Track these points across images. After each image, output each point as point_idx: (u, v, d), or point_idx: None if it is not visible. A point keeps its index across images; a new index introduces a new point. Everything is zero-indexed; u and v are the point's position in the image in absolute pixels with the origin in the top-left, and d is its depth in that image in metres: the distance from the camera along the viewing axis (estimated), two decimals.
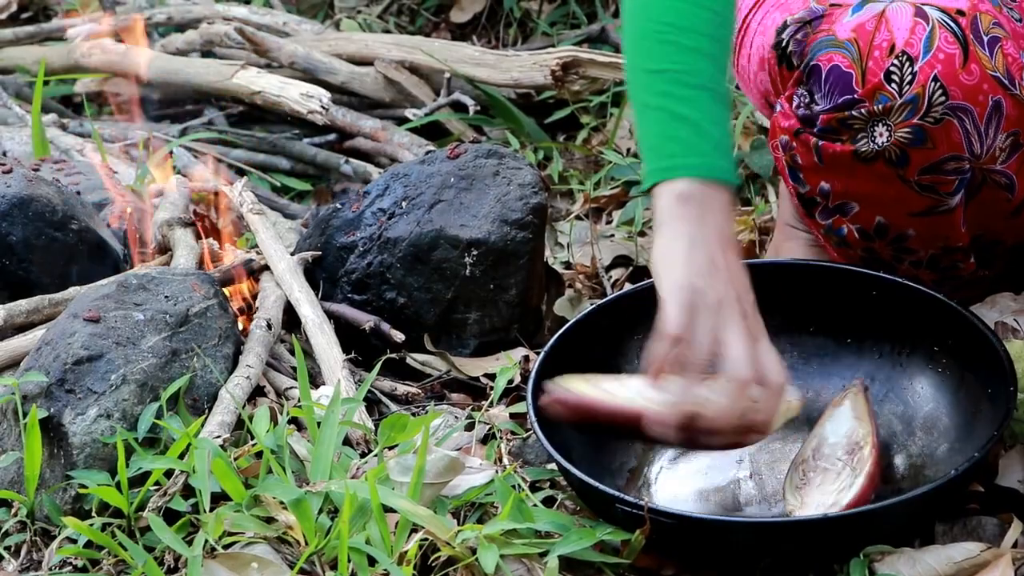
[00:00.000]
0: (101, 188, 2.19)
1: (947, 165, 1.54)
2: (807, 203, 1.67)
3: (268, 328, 1.85)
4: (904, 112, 1.51)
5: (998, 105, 1.52)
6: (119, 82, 2.81)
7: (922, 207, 1.59)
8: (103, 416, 1.62)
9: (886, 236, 1.64)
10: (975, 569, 1.41)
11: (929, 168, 1.54)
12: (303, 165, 2.67)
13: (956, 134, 1.52)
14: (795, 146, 1.60)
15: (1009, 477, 1.52)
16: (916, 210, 1.59)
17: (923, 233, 1.63)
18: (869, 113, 1.52)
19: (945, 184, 1.56)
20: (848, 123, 1.54)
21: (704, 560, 1.46)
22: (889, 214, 1.61)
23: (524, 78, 2.60)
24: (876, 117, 1.52)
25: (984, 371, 1.53)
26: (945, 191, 1.57)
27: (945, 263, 1.68)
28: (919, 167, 1.54)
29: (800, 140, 1.59)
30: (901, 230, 1.63)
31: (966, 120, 1.52)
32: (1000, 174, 1.59)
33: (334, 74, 2.76)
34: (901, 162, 1.54)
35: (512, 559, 1.43)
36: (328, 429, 1.58)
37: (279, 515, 1.51)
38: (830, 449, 1.53)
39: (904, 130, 1.52)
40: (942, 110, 1.50)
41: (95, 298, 1.74)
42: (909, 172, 1.55)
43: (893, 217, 1.62)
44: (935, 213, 1.60)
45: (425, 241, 1.93)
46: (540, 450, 1.62)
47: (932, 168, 1.55)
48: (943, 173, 1.55)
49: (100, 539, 1.51)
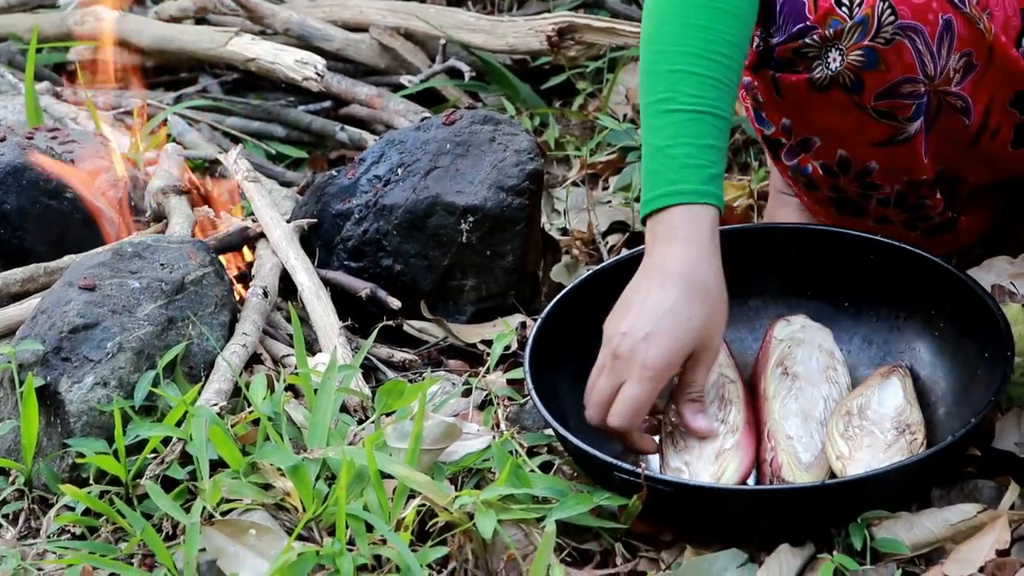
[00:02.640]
0: (96, 156, 2.18)
1: (902, 88, 1.54)
2: (772, 145, 1.68)
3: (264, 296, 1.85)
4: (855, 34, 1.51)
5: (949, 24, 1.52)
6: (113, 50, 2.79)
7: (882, 136, 1.59)
8: (100, 384, 1.62)
9: (849, 170, 1.64)
10: (972, 531, 1.41)
11: (884, 92, 1.55)
12: (298, 132, 2.65)
13: (908, 55, 1.52)
14: (756, 85, 1.62)
15: (1006, 440, 1.52)
16: (876, 139, 1.59)
17: (886, 165, 1.63)
18: (822, 39, 1.52)
19: (902, 108, 1.56)
20: (803, 52, 1.54)
21: (702, 526, 1.47)
22: (850, 146, 1.61)
23: (520, 44, 2.58)
24: (829, 42, 1.52)
25: (981, 335, 1.53)
26: (903, 116, 1.57)
27: (912, 200, 1.68)
28: (874, 91, 1.54)
29: (760, 76, 1.60)
30: (864, 163, 1.63)
31: (917, 40, 1.52)
32: (956, 96, 1.59)
33: (329, 41, 2.74)
34: (856, 87, 1.54)
35: (509, 524, 1.43)
36: (325, 396, 1.58)
37: (276, 482, 1.51)
38: (876, 415, 1.52)
39: (856, 53, 1.52)
40: (892, 30, 1.50)
41: (90, 266, 1.74)
42: (865, 98, 1.55)
43: (854, 149, 1.62)
44: (895, 142, 1.60)
45: (421, 208, 1.93)
46: (537, 416, 1.63)
47: (887, 92, 1.55)
48: (899, 97, 1.55)
49: (98, 507, 1.51)
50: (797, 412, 1.53)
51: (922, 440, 1.48)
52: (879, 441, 1.49)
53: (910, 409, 1.53)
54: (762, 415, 1.54)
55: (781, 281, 1.72)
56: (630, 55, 2.59)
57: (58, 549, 1.51)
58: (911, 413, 1.52)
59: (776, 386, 1.56)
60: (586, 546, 1.48)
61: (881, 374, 1.58)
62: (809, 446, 1.50)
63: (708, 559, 1.41)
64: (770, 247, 1.72)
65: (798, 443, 1.50)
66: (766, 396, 1.55)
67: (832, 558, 1.39)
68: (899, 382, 1.56)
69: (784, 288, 1.71)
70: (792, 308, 1.69)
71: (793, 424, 1.52)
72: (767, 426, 1.52)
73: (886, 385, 1.56)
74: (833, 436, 1.49)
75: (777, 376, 1.57)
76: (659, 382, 1.46)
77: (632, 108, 2.55)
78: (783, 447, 1.49)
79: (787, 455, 1.49)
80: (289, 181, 2.42)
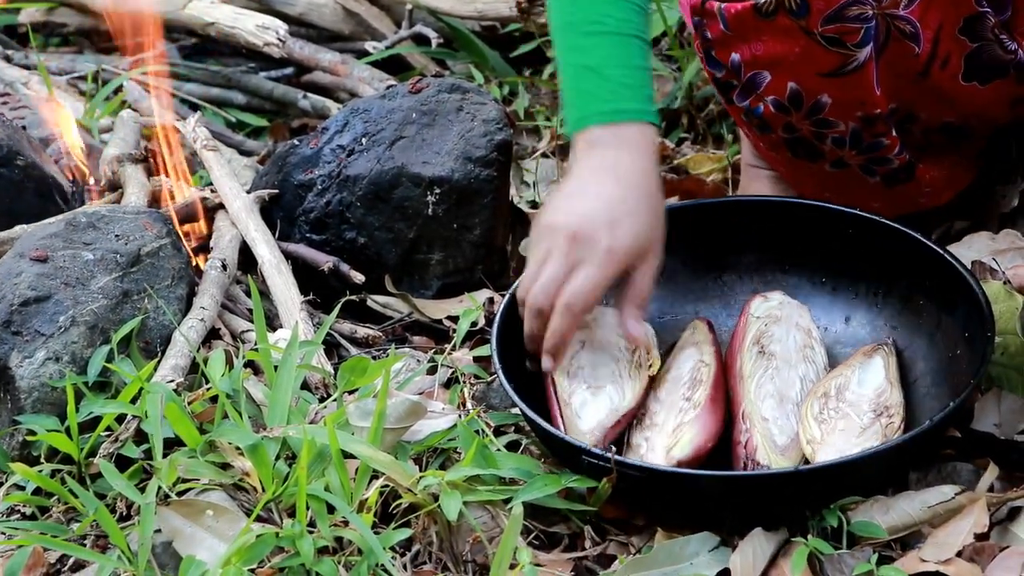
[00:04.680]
0: (48, 123, 2.14)
1: (849, 11, 1.54)
2: (724, 88, 1.69)
3: (223, 269, 1.82)
4: None
5: None
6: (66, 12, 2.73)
7: (831, 65, 1.59)
8: (51, 359, 1.59)
9: (801, 106, 1.64)
10: (950, 514, 1.40)
11: (832, 16, 1.54)
12: (259, 100, 2.62)
13: None
14: (705, 22, 1.63)
15: (985, 421, 1.50)
16: (826, 69, 1.59)
17: (838, 98, 1.62)
18: None
19: (850, 34, 1.56)
20: None
21: (672, 510, 1.44)
22: (800, 77, 1.61)
23: (489, 10, 2.57)
24: None
25: (962, 314, 1.51)
26: (851, 42, 1.57)
27: (868, 139, 1.67)
28: (821, 15, 1.54)
29: (706, 11, 1.62)
30: (815, 96, 1.63)
31: None
32: (904, 20, 1.58)
33: (291, 5, 2.71)
34: (802, 11, 1.54)
35: (475, 506, 1.42)
36: (285, 373, 1.56)
37: (235, 461, 1.49)
38: (855, 396, 1.50)
39: None
40: None
41: (42, 237, 1.71)
42: (811, 22, 1.55)
43: (804, 80, 1.61)
44: (845, 72, 1.59)
45: (386, 179, 1.90)
46: (504, 394, 1.61)
47: (835, 16, 1.54)
48: (847, 21, 1.55)
49: (49, 486, 1.49)
50: (773, 393, 1.51)
51: (899, 424, 1.46)
52: (854, 425, 1.46)
53: (890, 390, 1.50)
54: (737, 395, 1.52)
55: (756, 256, 1.70)
56: None
57: (8, 530, 1.48)
58: (891, 394, 1.50)
59: (752, 365, 1.53)
60: (554, 529, 1.46)
61: (864, 352, 1.55)
62: (785, 428, 1.48)
63: (679, 543, 1.40)
64: (745, 220, 1.70)
65: (773, 425, 1.48)
66: (741, 375, 1.52)
67: (807, 542, 1.37)
68: (882, 361, 1.54)
69: (759, 263, 1.69)
70: (768, 284, 1.67)
71: (769, 405, 1.50)
72: (742, 407, 1.50)
73: (868, 365, 1.54)
74: (807, 419, 1.47)
75: (754, 355, 1.54)
76: (618, 267, 1.49)
77: None
78: (758, 429, 1.47)
79: (762, 437, 1.46)
80: (249, 150, 2.40)
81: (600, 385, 1.54)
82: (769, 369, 1.53)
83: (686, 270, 1.68)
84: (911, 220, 1.67)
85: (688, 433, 1.46)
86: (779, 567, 1.37)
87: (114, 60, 2.65)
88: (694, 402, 1.50)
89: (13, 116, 2.12)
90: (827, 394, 1.50)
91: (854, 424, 1.46)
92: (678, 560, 1.38)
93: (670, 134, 2.34)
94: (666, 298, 1.69)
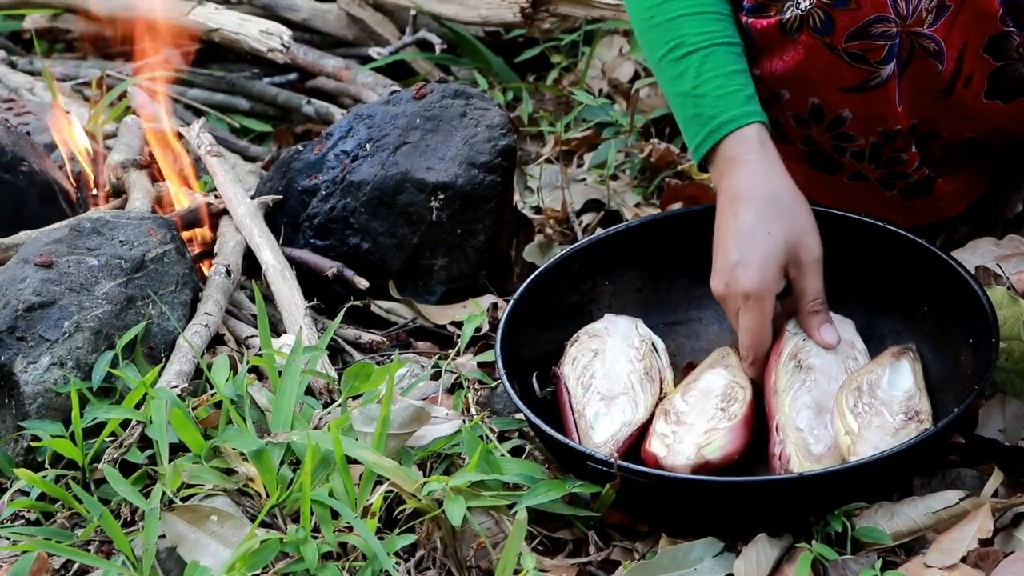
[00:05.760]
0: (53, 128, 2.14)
1: (874, 28, 1.54)
2: None
3: (227, 274, 1.82)
4: None
5: None
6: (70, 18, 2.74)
7: (854, 81, 1.59)
8: (56, 365, 1.59)
9: (822, 119, 1.64)
10: (954, 520, 1.39)
11: (856, 33, 1.54)
12: (263, 105, 2.63)
13: None
14: None
15: (989, 427, 1.50)
16: (848, 85, 1.59)
17: (859, 113, 1.63)
18: None
19: (874, 51, 1.56)
20: None
21: (677, 515, 1.44)
22: (822, 91, 1.61)
23: (492, 15, 2.57)
24: None
25: (966, 319, 1.51)
26: (875, 59, 1.56)
27: (888, 154, 1.67)
28: (845, 31, 1.54)
29: None
30: (836, 111, 1.63)
31: None
32: (928, 38, 1.58)
33: (295, 11, 2.71)
34: (826, 27, 1.54)
35: (479, 511, 1.41)
36: (290, 378, 1.56)
37: (239, 467, 1.49)
38: (886, 396, 1.49)
39: None
40: None
41: (47, 242, 1.71)
42: (835, 38, 1.55)
43: (826, 94, 1.61)
44: (868, 88, 1.59)
45: (390, 184, 1.90)
46: (508, 400, 1.61)
47: (859, 33, 1.54)
48: (871, 38, 1.55)
49: (54, 491, 1.49)
50: (810, 404, 1.51)
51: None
52: (888, 424, 1.46)
53: (919, 396, 1.50)
54: (772, 409, 1.52)
55: None
56: (607, 28, 2.57)
57: (12, 535, 1.48)
58: (920, 400, 1.49)
59: (788, 379, 1.53)
60: (558, 534, 1.46)
61: (892, 354, 1.55)
62: (822, 437, 1.47)
63: (683, 548, 1.40)
64: None
65: (809, 435, 1.48)
66: (776, 390, 1.52)
67: (811, 548, 1.37)
68: (910, 365, 1.54)
69: None
70: None
71: (805, 416, 1.49)
72: (776, 420, 1.50)
73: (897, 367, 1.53)
74: (843, 409, 1.47)
75: (790, 370, 1.54)
76: (765, 302, 1.51)
77: (608, 83, 2.52)
78: (792, 439, 1.47)
79: (796, 447, 1.46)
80: (253, 156, 2.40)
81: (613, 396, 1.55)
82: (807, 381, 1.52)
83: (689, 276, 1.68)
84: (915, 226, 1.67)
85: (721, 439, 1.47)
86: (783, 573, 1.37)
87: (118, 66, 2.66)
88: (729, 414, 1.51)
89: (18, 122, 2.13)
90: (860, 388, 1.50)
91: (888, 423, 1.46)
92: (682, 565, 1.38)
93: (675, 139, 2.34)
94: (668, 305, 1.69)
